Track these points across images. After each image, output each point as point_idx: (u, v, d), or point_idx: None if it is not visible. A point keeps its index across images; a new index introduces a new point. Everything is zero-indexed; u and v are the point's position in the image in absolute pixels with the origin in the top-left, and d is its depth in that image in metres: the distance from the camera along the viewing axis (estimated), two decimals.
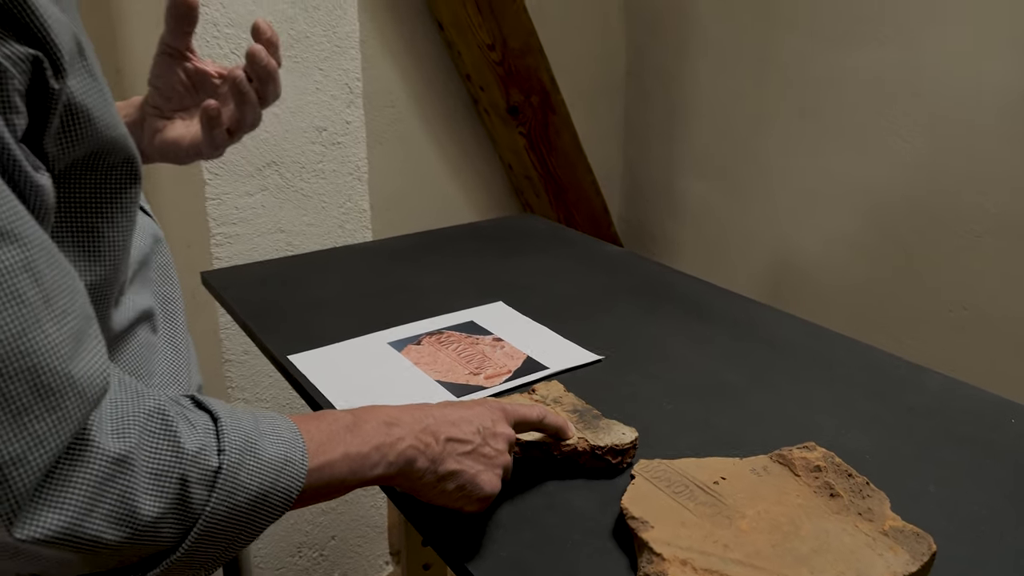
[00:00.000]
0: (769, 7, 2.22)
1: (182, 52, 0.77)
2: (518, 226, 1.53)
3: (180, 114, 0.78)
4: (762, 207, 2.37)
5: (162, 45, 0.76)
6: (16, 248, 0.41)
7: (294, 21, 1.54)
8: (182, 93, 0.77)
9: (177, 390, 0.59)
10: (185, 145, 0.76)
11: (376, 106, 2.18)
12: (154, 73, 0.77)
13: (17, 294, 0.41)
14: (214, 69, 0.77)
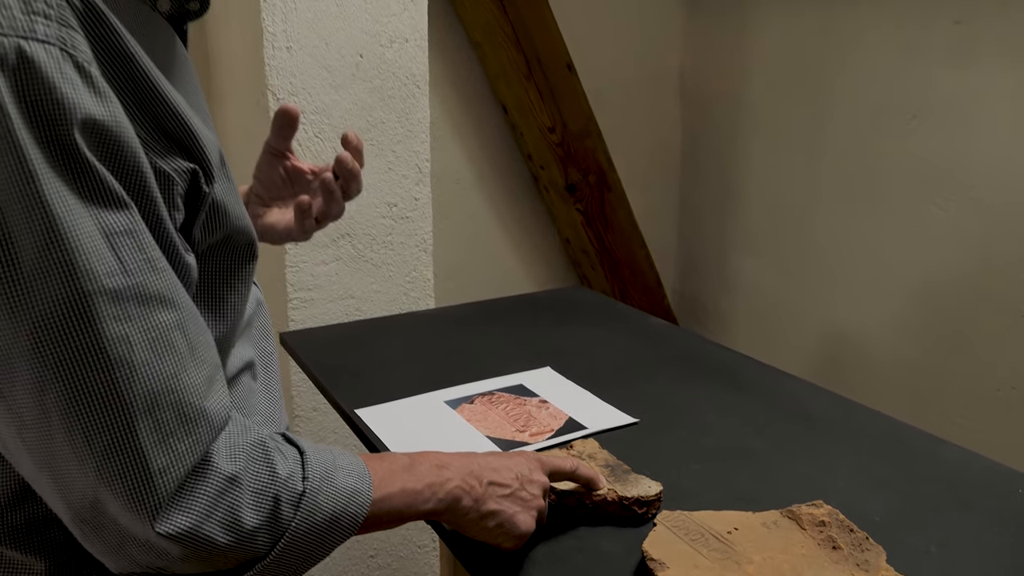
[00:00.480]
0: (818, 92, 2.33)
1: (283, 152, 0.92)
2: (570, 298, 1.63)
3: (277, 203, 0.93)
4: (813, 284, 2.43)
5: (267, 146, 0.91)
6: (173, 311, 0.54)
7: (372, 109, 1.70)
8: (280, 185, 0.92)
9: (271, 428, 0.71)
10: (279, 229, 0.91)
11: (444, 182, 2.34)
12: (259, 168, 0.92)
13: (172, 346, 0.54)
14: (307, 167, 0.92)
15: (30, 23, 0.48)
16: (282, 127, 0.90)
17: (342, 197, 0.88)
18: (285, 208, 0.93)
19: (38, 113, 0.48)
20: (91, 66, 0.51)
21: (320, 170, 0.91)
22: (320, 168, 0.92)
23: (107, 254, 0.51)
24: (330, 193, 0.87)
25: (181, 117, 0.58)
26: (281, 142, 0.91)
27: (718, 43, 2.61)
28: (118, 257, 0.51)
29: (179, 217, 0.59)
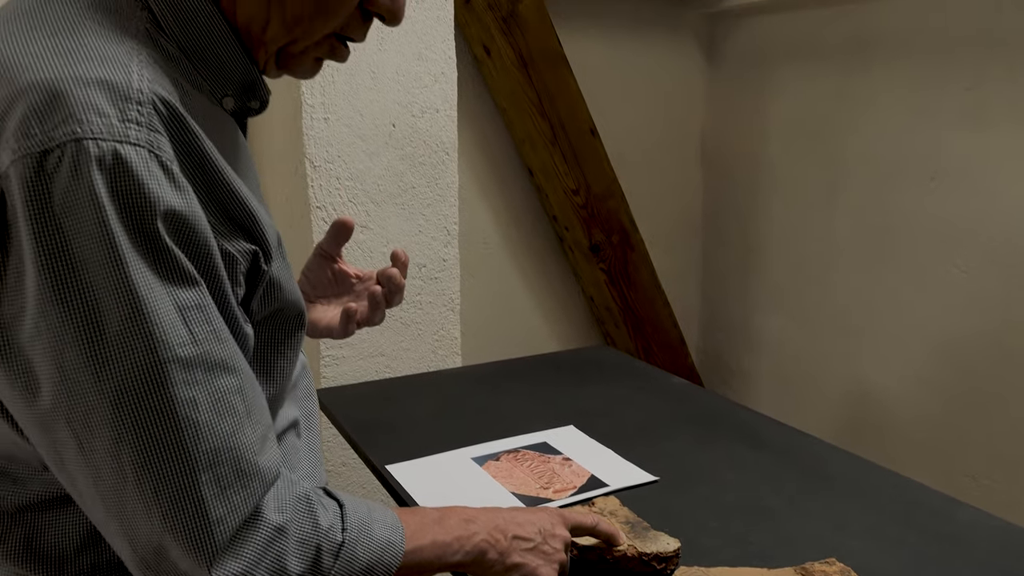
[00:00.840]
0: (835, 152, 2.38)
1: (333, 256, 1.00)
2: (593, 358, 1.68)
3: (322, 300, 1.01)
4: (836, 342, 2.45)
5: (319, 248, 0.99)
6: (234, 377, 0.61)
7: (403, 175, 1.78)
8: (326, 285, 1.00)
9: (313, 483, 0.76)
10: (321, 327, 0.98)
11: (471, 243, 2.41)
12: (308, 267, 1.01)
13: (232, 408, 0.60)
14: (353, 271, 1.00)
15: (124, 129, 0.56)
16: (337, 235, 0.98)
17: (385, 306, 0.95)
18: (327, 306, 1.00)
19: (128, 205, 0.56)
20: (172, 164, 0.59)
21: (364, 275, 0.99)
22: (364, 273, 1.00)
23: (180, 327, 0.58)
24: (376, 303, 0.94)
25: (245, 205, 0.66)
26: (334, 248, 0.99)
27: (737, 106, 2.69)
28: (189, 329, 0.58)
29: (240, 292, 0.66)
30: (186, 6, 0.67)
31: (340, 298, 1.00)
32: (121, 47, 0.60)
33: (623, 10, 2.53)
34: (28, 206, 0.54)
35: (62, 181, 0.54)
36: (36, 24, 0.60)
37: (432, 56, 1.77)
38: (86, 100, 0.55)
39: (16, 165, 0.54)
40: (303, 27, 0.70)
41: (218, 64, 0.70)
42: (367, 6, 0.72)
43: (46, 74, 0.56)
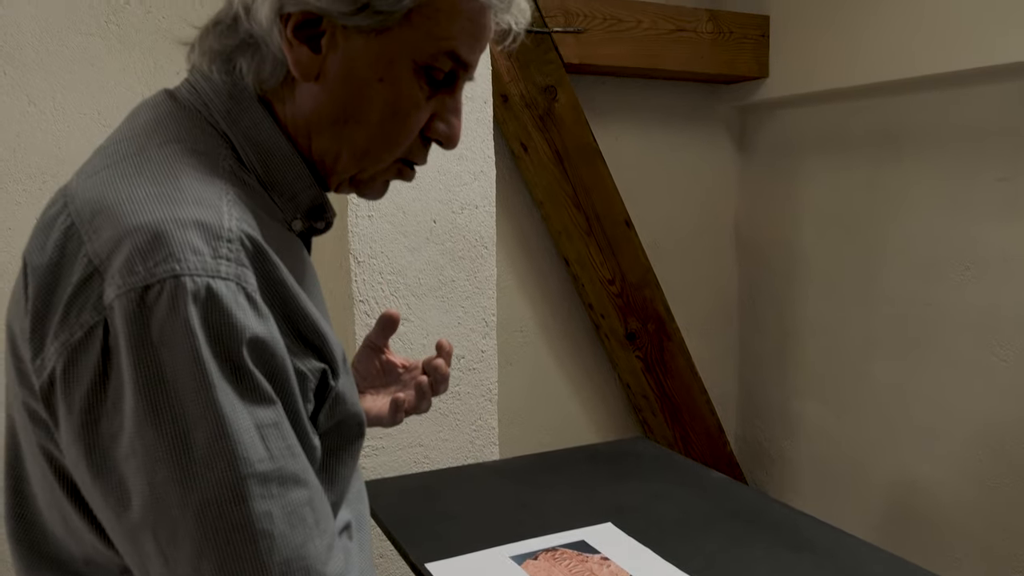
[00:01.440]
0: (868, 241, 2.40)
1: (381, 348, 1.04)
2: (630, 450, 1.69)
3: (370, 391, 1.05)
4: (876, 431, 2.42)
5: (367, 340, 1.04)
6: (305, 489, 0.65)
7: (443, 268, 1.84)
8: (374, 376, 1.05)
9: None
10: (371, 416, 1.02)
11: (508, 331, 2.44)
12: (357, 359, 1.05)
13: (303, 520, 0.64)
14: (400, 361, 1.04)
15: (216, 265, 0.62)
16: (384, 328, 1.03)
17: (430, 395, 0.99)
18: (376, 395, 1.04)
19: (218, 335, 0.61)
20: (256, 294, 0.64)
21: (410, 365, 1.04)
22: (410, 363, 1.04)
23: (259, 444, 0.62)
24: (422, 393, 0.99)
25: (317, 327, 0.71)
26: (381, 340, 1.04)
27: (770, 195, 2.73)
28: (266, 446, 0.62)
29: (310, 407, 0.71)
30: (266, 146, 0.74)
31: (388, 388, 1.04)
32: (213, 188, 0.67)
33: (656, 105, 2.61)
34: (130, 336, 0.59)
35: (160, 313, 0.60)
36: (138, 170, 0.67)
37: (472, 156, 1.84)
38: (184, 240, 0.61)
39: (120, 299, 0.60)
40: (371, 158, 0.76)
41: (291, 193, 0.76)
42: (427, 133, 0.78)
43: (149, 217, 0.62)
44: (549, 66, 2.22)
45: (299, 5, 0.71)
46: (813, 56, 2.40)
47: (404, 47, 0.72)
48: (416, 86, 0.74)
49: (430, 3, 0.72)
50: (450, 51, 0.73)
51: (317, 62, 0.73)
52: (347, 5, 0.70)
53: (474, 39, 0.75)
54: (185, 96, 0.75)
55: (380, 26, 0.71)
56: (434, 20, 0.72)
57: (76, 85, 1.80)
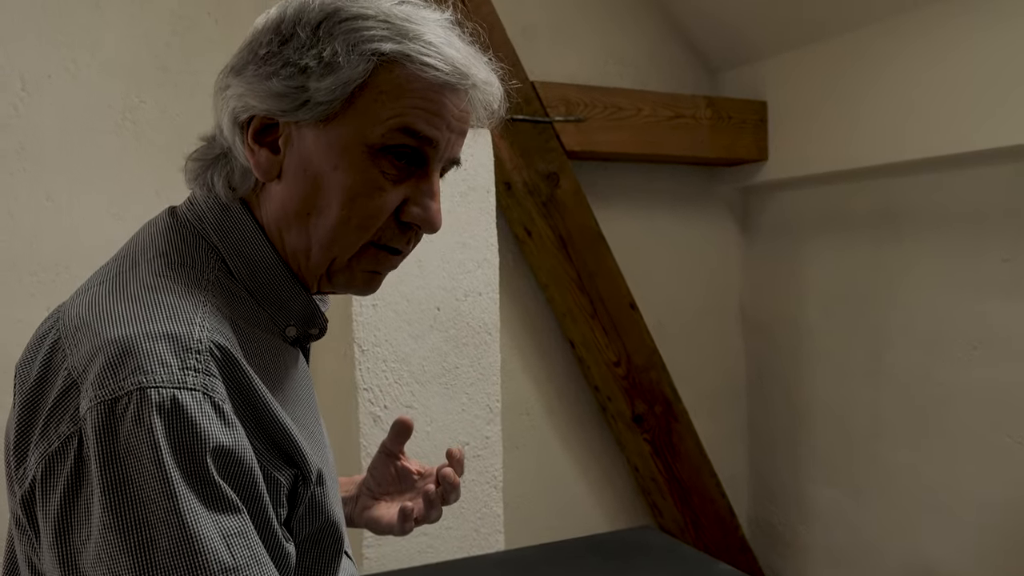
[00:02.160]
0: (874, 320, 2.40)
1: (395, 454, 1.05)
2: (638, 541, 1.67)
3: (385, 497, 1.05)
4: (890, 515, 2.38)
5: (383, 447, 1.05)
6: None
7: (447, 355, 1.85)
8: (390, 482, 1.06)
9: None
10: (383, 524, 1.03)
11: (513, 414, 2.44)
12: (373, 464, 1.06)
13: None
14: (415, 467, 1.05)
15: (183, 376, 0.64)
16: (398, 434, 1.05)
17: (440, 504, 0.99)
18: (391, 503, 1.05)
19: (182, 444, 0.63)
20: (224, 403, 0.66)
21: (425, 472, 1.04)
22: (426, 470, 1.05)
23: (223, 551, 0.63)
24: (431, 502, 0.98)
25: (288, 434, 0.73)
26: (396, 446, 1.05)
27: (775, 275, 2.74)
28: (231, 554, 0.63)
29: (282, 512, 0.72)
30: (254, 258, 0.77)
31: (402, 494, 1.04)
32: (190, 300, 0.70)
33: (658, 189, 2.66)
34: (98, 446, 0.61)
35: (127, 425, 0.62)
36: (122, 286, 0.70)
37: (475, 243, 1.88)
38: (152, 352, 0.64)
39: (91, 411, 0.62)
40: (339, 245, 0.77)
41: (280, 302, 0.78)
42: (402, 218, 0.79)
43: (121, 331, 0.65)
44: (551, 153, 2.27)
45: (248, 111, 0.75)
46: (811, 139, 2.45)
47: (352, 133, 0.75)
48: (375, 170, 0.75)
49: (370, 86, 0.74)
50: (401, 127, 0.75)
51: (277, 162, 0.76)
52: (288, 103, 0.74)
53: (431, 114, 0.76)
54: (183, 212, 0.79)
55: (324, 115, 0.74)
56: (378, 102, 0.74)
57: (92, 181, 1.86)
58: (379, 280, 0.83)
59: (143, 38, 1.90)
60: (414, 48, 0.74)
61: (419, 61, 0.74)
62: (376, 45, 0.73)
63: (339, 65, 0.72)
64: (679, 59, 2.67)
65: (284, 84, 0.73)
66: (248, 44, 0.77)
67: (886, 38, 2.18)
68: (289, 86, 0.73)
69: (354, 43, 0.73)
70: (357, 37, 0.73)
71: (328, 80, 0.73)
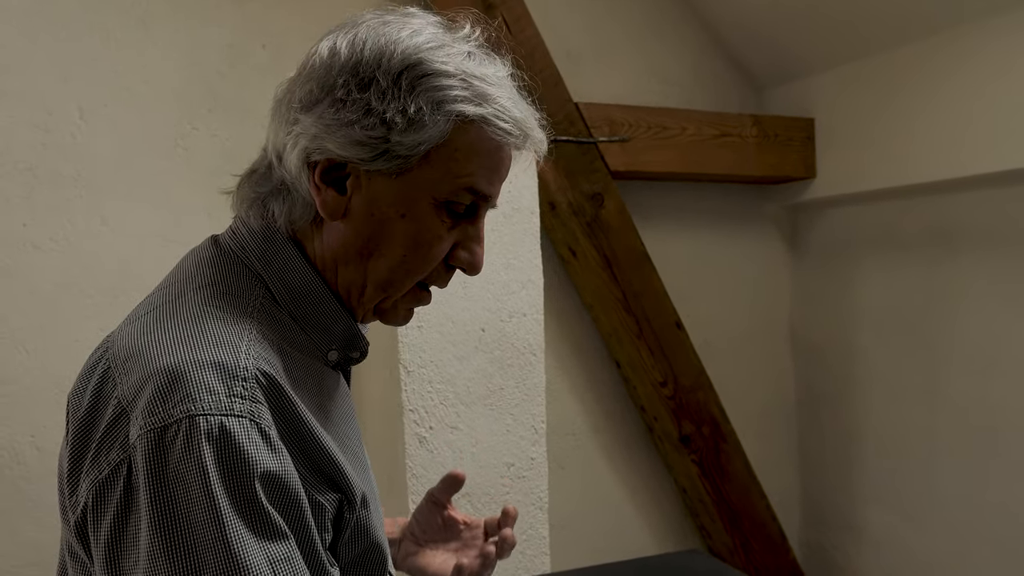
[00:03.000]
0: (928, 341, 2.34)
1: (443, 503, 1.05)
2: (684, 566, 1.64)
3: (430, 545, 1.05)
4: (947, 541, 2.31)
5: (429, 495, 1.06)
6: None
7: (492, 376, 1.85)
8: (435, 530, 1.05)
9: None
10: (429, 573, 1.01)
11: (560, 434, 2.43)
12: (419, 511, 1.06)
13: None
14: (462, 518, 1.05)
15: (230, 403, 0.66)
16: (449, 486, 1.04)
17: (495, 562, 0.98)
18: (435, 551, 1.04)
19: (231, 471, 0.64)
20: (270, 429, 0.67)
21: (472, 523, 1.04)
22: (472, 521, 1.04)
23: None
24: (486, 561, 0.97)
25: (333, 459, 0.73)
26: (445, 496, 1.05)
27: (824, 294, 2.70)
28: None
29: (327, 537, 0.73)
30: (297, 284, 0.79)
31: (448, 543, 1.03)
32: (236, 328, 0.71)
33: (704, 208, 2.64)
34: (148, 473, 0.63)
35: (176, 452, 0.63)
36: (170, 315, 0.72)
37: (520, 264, 1.88)
38: (200, 381, 0.65)
39: (141, 439, 0.64)
40: (395, 287, 0.80)
41: (324, 326, 0.80)
42: (450, 261, 0.81)
43: (170, 360, 0.67)
44: (595, 174, 2.27)
45: (324, 153, 0.76)
46: (861, 156, 2.41)
47: (424, 185, 0.76)
48: (437, 220, 0.78)
49: (447, 144, 0.75)
50: (469, 187, 0.77)
51: (343, 203, 0.77)
52: (367, 152, 0.75)
53: (492, 172, 0.79)
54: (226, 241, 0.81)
55: (400, 169, 0.75)
56: (452, 159, 0.76)
57: (146, 206, 1.91)
58: (412, 314, 0.86)
59: (196, 67, 1.95)
60: (491, 112, 0.76)
61: (495, 125, 0.76)
62: (460, 108, 0.75)
63: (423, 123, 0.74)
64: (724, 77, 2.65)
65: (366, 134, 0.74)
66: (317, 78, 0.76)
67: (945, 51, 2.13)
68: (371, 136, 0.74)
69: (438, 102, 0.74)
70: (441, 96, 0.74)
71: (411, 136, 0.74)
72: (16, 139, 1.81)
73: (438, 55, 0.75)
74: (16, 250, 1.81)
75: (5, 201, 1.80)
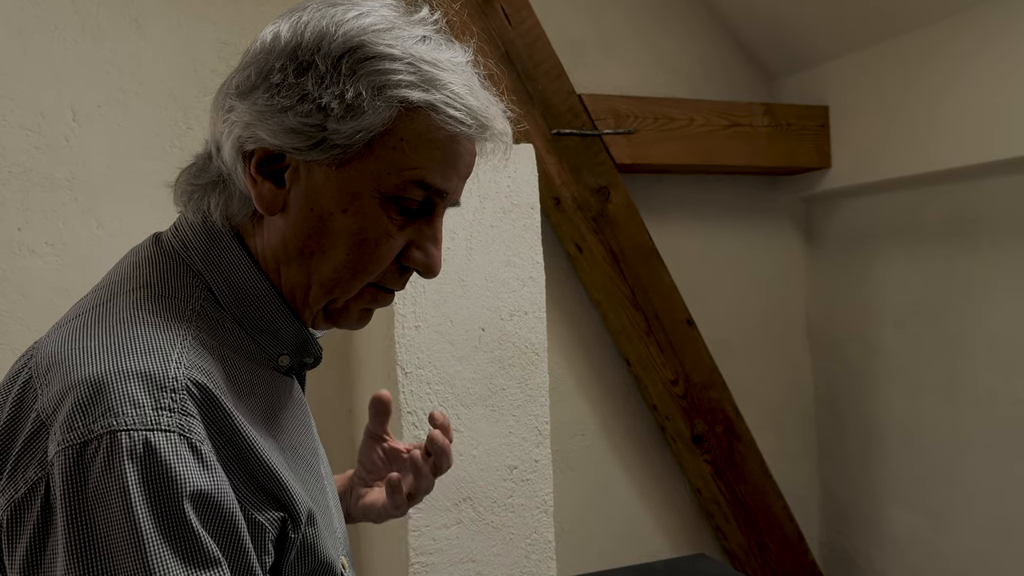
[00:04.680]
0: (948, 334, 2.26)
1: (380, 436, 1.01)
2: (690, 570, 1.59)
3: (378, 483, 1.00)
4: (973, 542, 2.23)
5: (366, 431, 1.01)
6: None
7: (493, 377, 1.81)
8: (380, 467, 1.01)
9: None
10: (379, 508, 0.98)
11: (568, 435, 2.38)
12: (360, 451, 1.02)
13: None
14: (403, 447, 1.00)
15: (157, 417, 0.61)
16: (377, 413, 0.99)
17: (432, 473, 0.93)
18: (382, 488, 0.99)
19: (156, 490, 0.59)
20: (202, 444, 0.63)
21: (414, 447, 0.98)
22: (413, 446, 0.99)
23: None
24: (418, 470, 0.92)
25: (275, 475, 0.69)
26: (378, 426, 1.00)
27: (842, 287, 2.62)
28: None
29: (269, 560, 0.68)
30: (243, 285, 0.74)
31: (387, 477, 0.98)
32: (167, 334, 0.66)
33: (715, 200, 2.57)
34: (65, 494, 0.58)
35: (96, 471, 0.58)
36: (97, 321, 0.67)
37: (520, 262, 1.83)
38: (124, 392, 0.61)
39: (59, 456, 0.59)
40: (341, 287, 0.75)
41: (272, 330, 0.75)
42: (403, 262, 0.76)
43: (93, 370, 0.62)
44: (600, 167, 2.22)
45: (256, 143, 0.71)
46: (878, 144, 2.33)
47: (367, 178, 0.71)
48: (384, 217, 0.72)
49: (391, 133, 0.70)
50: (418, 180, 0.72)
51: (281, 196, 0.73)
52: (302, 140, 0.70)
53: (446, 167, 0.73)
54: (168, 239, 0.77)
55: (339, 160, 0.70)
56: (398, 151, 0.71)
57: (142, 208, 1.89)
58: (371, 316, 0.80)
59: (190, 66, 1.92)
60: (440, 99, 0.70)
61: (444, 113, 0.71)
62: (403, 92, 0.70)
63: (362, 109, 0.69)
64: (733, 65, 2.58)
65: (300, 121, 0.69)
66: (256, 63, 0.72)
67: (967, 32, 2.04)
68: (305, 123, 0.69)
69: (379, 87, 0.69)
70: (383, 80, 0.69)
71: (349, 124, 0.69)
72: (9, 142, 1.79)
73: (384, 38, 0.70)
74: (11, 255, 1.80)
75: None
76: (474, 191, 1.79)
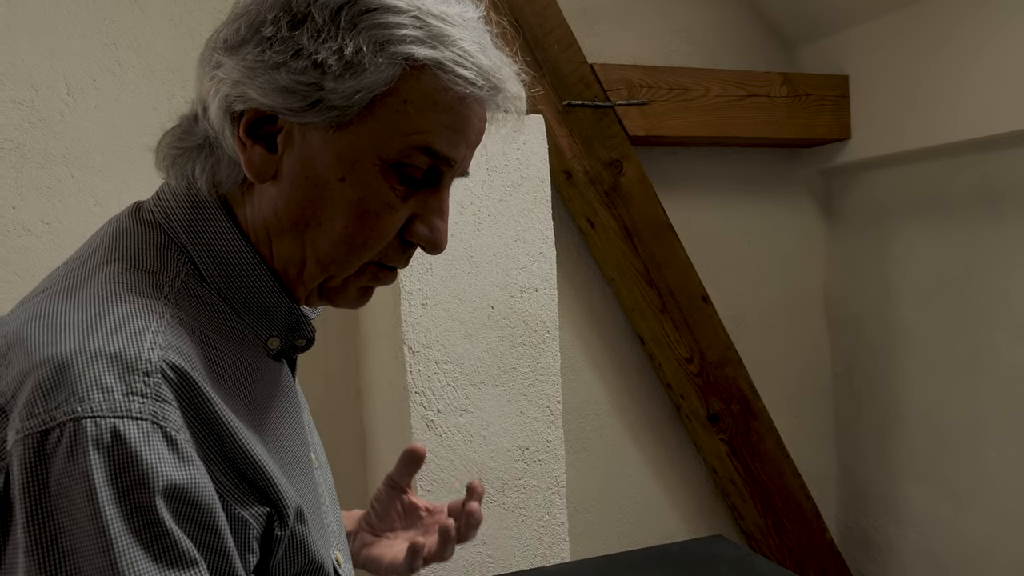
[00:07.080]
0: (971, 310, 2.20)
1: (402, 488, 0.95)
2: (706, 552, 1.54)
3: (387, 533, 0.95)
4: (994, 521, 2.18)
5: (388, 479, 0.95)
6: None
7: (503, 356, 1.76)
8: (394, 518, 0.95)
9: None
10: (384, 564, 0.92)
11: (581, 414, 2.33)
12: (376, 498, 0.96)
13: None
14: (423, 504, 0.95)
15: (127, 403, 0.55)
16: (407, 464, 0.94)
17: (457, 539, 0.88)
18: (393, 540, 0.95)
19: (125, 485, 0.53)
20: (178, 433, 0.57)
21: (434, 509, 0.94)
22: (434, 507, 0.94)
23: None
24: (447, 538, 0.88)
25: (261, 467, 0.63)
26: (403, 478, 0.95)
27: (862, 263, 2.55)
28: None
29: (253, 559, 0.62)
30: (231, 259, 0.68)
31: (407, 532, 0.94)
32: (143, 312, 0.60)
33: (731, 173, 2.50)
34: (25, 488, 0.53)
35: (59, 463, 0.53)
36: (65, 295, 0.61)
37: (530, 237, 1.78)
38: (90, 376, 0.55)
39: (17, 445, 0.53)
40: (338, 264, 0.69)
41: (262, 309, 0.69)
42: (406, 236, 0.70)
43: (57, 349, 0.56)
44: (613, 140, 2.15)
45: (246, 103, 0.64)
46: (900, 114, 2.25)
47: (367, 143, 0.65)
48: (386, 186, 0.66)
49: (394, 94, 0.64)
50: (423, 146, 0.65)
51: (273, 162, 0.66)
52: (296, 101, 0.63)
53: (455, 132, 0.66)
54: (149, 207, 0.70)
55: (336, 122, 0.64)
56: (402, 113, 0.64)
57: (139, 185, 1.83)
58: (371, 294, 0.74)
59: (188, 37, 1.86)
60: (448, 56, 0.64)
61: (453, 72, 0.64)
62: (408, 49, 0.63)
63: (363, 66, 0.62)
64: (750, 35, 2.50)
65: (294, 79, 0.63)
66: (246, 14, 0.66)
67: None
68: (300, 82, 0.63)
69: (382, 42, 0.63)
70: (386, 35, 0.63)
71: (348, 83, 0.62)
72: (1, 118, 1.74)
73: None
74: (6, 234, 1.75)
75: None
76: (482, 164, 1.72)
